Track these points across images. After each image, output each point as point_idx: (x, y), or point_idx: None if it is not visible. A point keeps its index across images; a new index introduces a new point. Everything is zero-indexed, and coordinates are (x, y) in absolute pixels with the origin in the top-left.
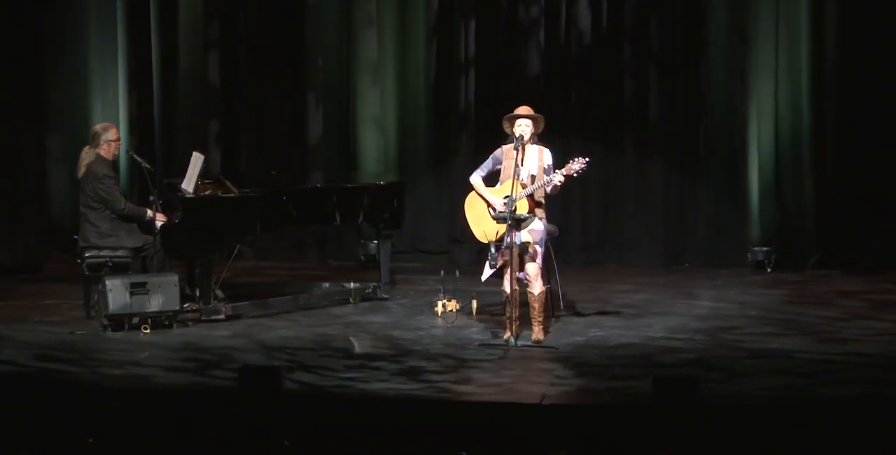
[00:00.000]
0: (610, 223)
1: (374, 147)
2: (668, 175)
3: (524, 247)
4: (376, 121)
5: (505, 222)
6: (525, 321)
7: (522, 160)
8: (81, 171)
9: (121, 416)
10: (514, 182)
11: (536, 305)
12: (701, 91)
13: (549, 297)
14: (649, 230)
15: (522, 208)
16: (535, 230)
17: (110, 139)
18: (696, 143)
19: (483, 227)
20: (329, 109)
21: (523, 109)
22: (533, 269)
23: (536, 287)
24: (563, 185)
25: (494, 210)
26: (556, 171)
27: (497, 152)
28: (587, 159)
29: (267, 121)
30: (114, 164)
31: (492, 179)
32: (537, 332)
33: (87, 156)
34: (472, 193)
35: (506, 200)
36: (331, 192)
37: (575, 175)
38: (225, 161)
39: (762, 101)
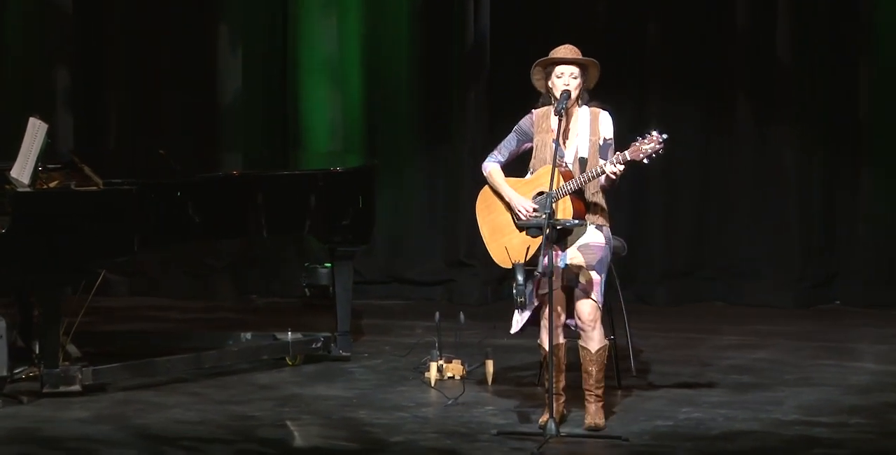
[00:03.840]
0: (712, 237)
1: (326, 111)
2: (808, 158)
3: (572, 274)
4: (330, 67)
5: (539, 234)
6: (575, 395)
7: (567, 133)
8: None
9: None
10: (554, 169)
11: (593, 370)
12: (860, 18)
13: (614, 355)
14: (776, 248)
15: (566, 211)
16: (589, 247)
17: None
18: (855, 104)
19: (504, 241)
20: (253, 49)
21: (566, 50)
22: (588, 310)
23: (594, 340)
24: (625, 175)
25: (521, 215)
26: (618, 152)
27: (524, 122)
28: (665, 136)
29: (151, 68)
30: None
31: (520, 167)
32: (594, 413)
33: None
34: (487, 190)
35: (540, 198)
36: (256, 184)
37: (646, 161)
38: (82, 133)
39: None
